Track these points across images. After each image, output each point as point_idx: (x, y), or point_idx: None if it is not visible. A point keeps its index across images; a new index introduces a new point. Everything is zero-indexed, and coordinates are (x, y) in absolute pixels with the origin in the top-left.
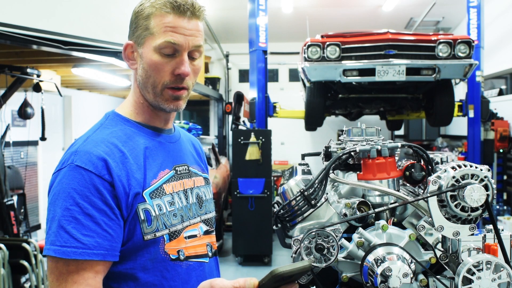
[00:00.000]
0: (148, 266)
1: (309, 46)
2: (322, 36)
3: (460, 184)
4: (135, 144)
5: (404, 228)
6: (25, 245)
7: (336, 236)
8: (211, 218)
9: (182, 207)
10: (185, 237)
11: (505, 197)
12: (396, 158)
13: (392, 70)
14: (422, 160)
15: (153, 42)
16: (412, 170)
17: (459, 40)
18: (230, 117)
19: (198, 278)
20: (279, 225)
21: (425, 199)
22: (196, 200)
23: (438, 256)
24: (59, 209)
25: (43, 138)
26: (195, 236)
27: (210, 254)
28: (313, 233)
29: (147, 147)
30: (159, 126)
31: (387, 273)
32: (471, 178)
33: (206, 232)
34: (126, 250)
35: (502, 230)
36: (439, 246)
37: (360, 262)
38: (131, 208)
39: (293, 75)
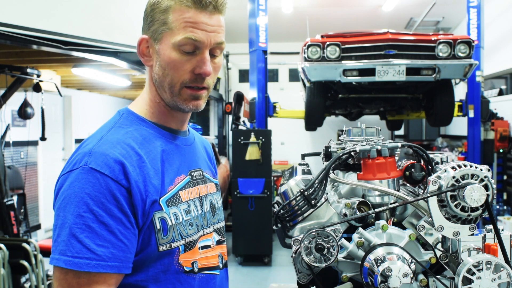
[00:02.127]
0: (161, 278)
1: (309, 46)
2: (322, 36)
3: (460, 184)
4: (152, 146)
5: (404, 228)
6: (25, 245)
7: (336, 236)
8: (223, 227)
9: (198, 216)
10: (199, 248)
11: (505, 197)
12: (396, 158)
13: (392, 70)
14: (422, 160)
15: (172, 38)
16: (412, 170)
17: (459, 40)
18: (230, 117)
19: None
20: (279, 225)
21: (425, 199)
22: (210, 208)
23: (438, 256)
24: (70, 215)
25: (43, 138)
26: (209, 246)
27: (221, 265)
28: (313, 233)
29: (164, 150)
30: (175, 127)
31: (387, 273)
32: (471, 178)
33: (218, 242)
34: (138, 261)
35: (502, 230)
36: (439, 246)
37: (360, 262)
38: (147, 216)
39: (293, 75)
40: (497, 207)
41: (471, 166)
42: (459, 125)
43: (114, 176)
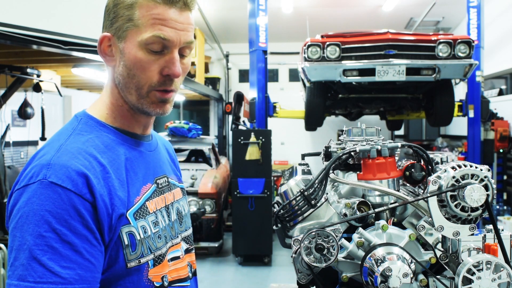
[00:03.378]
0: None
1: (309, 46)
2: (322, 36)
3: (460, 184)
4: (115, 155)
5: (404, 228)
6: None
7: (336, 236)
8: (190, 235)
9: (165, 227)
10: (168, 260)
11: (505, 197)
12: (396, 158)
13: (392, 70)
14: (422, 160)
15: (138, 36)
16: (412, 170)
17: (459, 40)
18: (230, 117)
19: None
20: (279, 225)
21: (425, 199)
22: (177, 217)
23: (438, 256)
24: (29, 236)
25: (43, 138)
26: (178, 257)
27: (190, 275)
28: (313, 233)
29: (127, 158)
30: (139, 132)
31: (387, 273)
32: (471, 178)
33: (187, 251)
34: (105, 280)
35: (502, 230)
36: (439, 246)
37: (360, 262)
38: (114, 231)
39: (293, 75)
40: (497, 207)
41: (471, 166)
42: (459, 125)
43: (77, 190)
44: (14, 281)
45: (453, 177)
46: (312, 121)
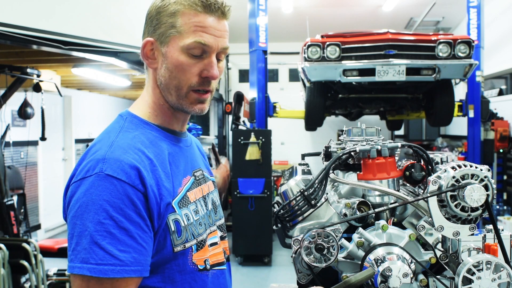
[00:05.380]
0: (177, 278)
1: (309, 46)
2: (322, 36)
3: (460, 184)
4: (159, 150)
5: (404, 228)
6: (25, 245)
7: (336, 236)
8: (223, 224)
9: (204, 215)
10: (209, 245)
11: (505, 197)
12: (396, 158)
13: (392, 70)
14: (422, 160)
15: (181, 42)
16: (412, 170)
17: (459, 40)
18: (230, 117)
19: (221, 286)
20: (279, 225)
21: (425, 199)
22: (212, 206)
23: (438, 256)
24: (89, 223)
25: (43, 138)
26: (216, 243)
27: (225, 260)
28: (313, 233)
29: (170, 152)
30: (177, 129)
31: (387, 273)
32: (471, 178)
33: (222, 238)
34: (155, 263)
35: (502, 230)
36: (439, 246)
37: (360, 262)
38: (162, 219)
39: (293, 75)
40: (497, 207)
41: (471, 166)
42: (459, 125)
43: (131, 182)
44: (77, 264)
45: (453, 177)
46: (312, 121)
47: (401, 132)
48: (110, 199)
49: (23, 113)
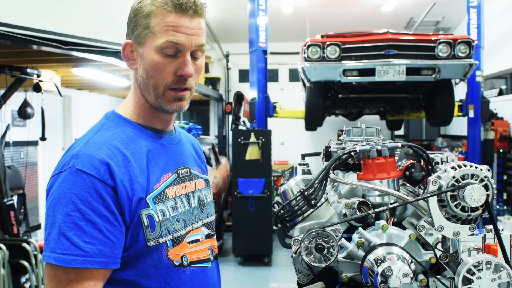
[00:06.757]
0: (151, 272)
1: (309, 46)
2: (322, 36)
3: (460, 184)
4: (138, 146)
5: (404, 228)
6: (25, 245)
7: (336, 236)
8: (212, 221)
9: (185, 212)
10: (188, 242)
11: (505, 197)
12: (396, 158)
13: (392, 70)
14: (422, 160)
15: (154, 42)
16: (412, 170)
17: (459, 40)
18: (230, 117)
19: (202, 283)
20: (279, 225)
21: (425, 199)
22: (198, 204)
23: (438, 256)
24: (59, 214)
25: (43, 138)
26: (198, 241)
27: (211, 258)
28: (313, 233)
29: (149, 149)
30: (160, 127)
31: (387, 273)
32: (471, 178)
33: (208, 236)
34: (128, 257)
35: (502, 230)
36: (439, 246)
37: (360, 262)
38: (134, 213)
39: (293, 75)
40: (497, 207)
41: (471, 166)
42: (459, 125)
43: (99, 176)
44: (47, 253)
45: (453, 177)
46: (312, 121)
47: (401, 132)
48: (79, 192)
49: (23, 113)
